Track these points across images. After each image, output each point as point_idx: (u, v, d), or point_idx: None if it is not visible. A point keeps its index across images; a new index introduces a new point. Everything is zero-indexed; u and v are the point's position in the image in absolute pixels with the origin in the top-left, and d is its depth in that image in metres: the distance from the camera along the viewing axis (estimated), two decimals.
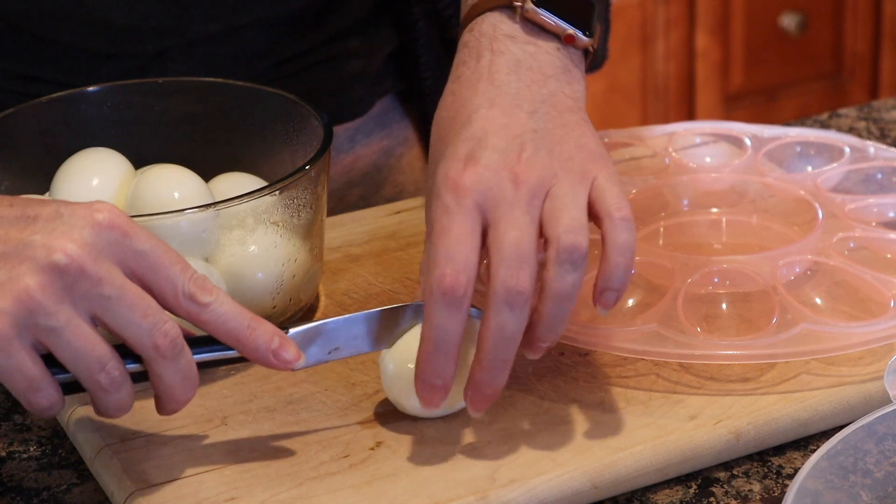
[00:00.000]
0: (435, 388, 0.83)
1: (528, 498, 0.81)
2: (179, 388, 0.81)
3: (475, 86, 0.89)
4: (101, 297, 0.78)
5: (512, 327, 0.82)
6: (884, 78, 2.79)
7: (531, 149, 0.85)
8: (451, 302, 0.81)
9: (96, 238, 0.78)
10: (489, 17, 0.92)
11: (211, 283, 0.81)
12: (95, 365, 0.78)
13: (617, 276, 0.83)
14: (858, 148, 1.10)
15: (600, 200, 0.85)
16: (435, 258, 0.82)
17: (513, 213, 0.83)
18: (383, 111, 1.21)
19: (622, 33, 2.60)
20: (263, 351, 0.81)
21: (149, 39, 1.08)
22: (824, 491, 0.75)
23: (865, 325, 0.90)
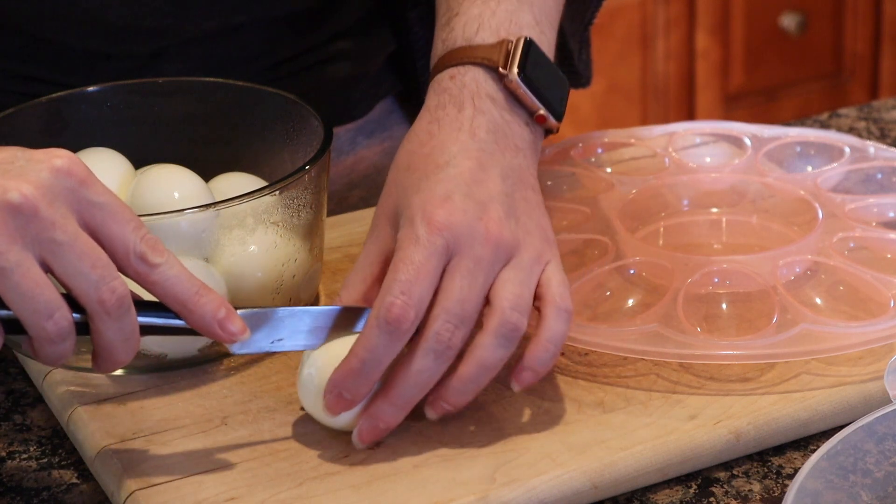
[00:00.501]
0: (343, 400, 0.83)
1: (528, 498, 0.81)
2: (119, 349, 0.80)
3: (455, 134, 0.89)
4: (52, 242, 0.76)
5: (429, 375, 0.83)
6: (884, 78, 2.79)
7: (503, 211, 0.86)
8: (393, 332, 0.81)
9: (53, 182, 0.77)
10: (472, 71, 0.92)
11: (163, 246, 0.79)
12: (43, 311, 0.77)
13: (543, 360, 0.84)
14: (858, 148, 1.10)
15: (547, 285, 0.85)
16: (391, 284, 0.82)
17: (473, 270, 0.83)
18: (384, 113, 1.21)
19: (622, 33, 2.60)
20: (209, 319, 0.80)
21: (145, 39, 1.08)
22: (824, 491, 0.75)
23: (865, 325, 0.90)
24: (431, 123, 0.90)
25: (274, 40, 1.13)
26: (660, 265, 0.97)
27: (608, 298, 0.97)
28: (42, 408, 0.93)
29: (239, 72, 1.10)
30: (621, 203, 1.04)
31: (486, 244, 0.84)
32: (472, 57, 0.92)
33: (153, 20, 1.07)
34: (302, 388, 0.86)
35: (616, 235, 1.00)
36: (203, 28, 1.09)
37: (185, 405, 0.89)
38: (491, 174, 0.87)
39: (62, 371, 0.92)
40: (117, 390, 0.90)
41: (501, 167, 0.88)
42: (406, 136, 0.91)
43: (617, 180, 1.07)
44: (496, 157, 0.89)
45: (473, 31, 0.94)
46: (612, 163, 1.12)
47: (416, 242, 0.83)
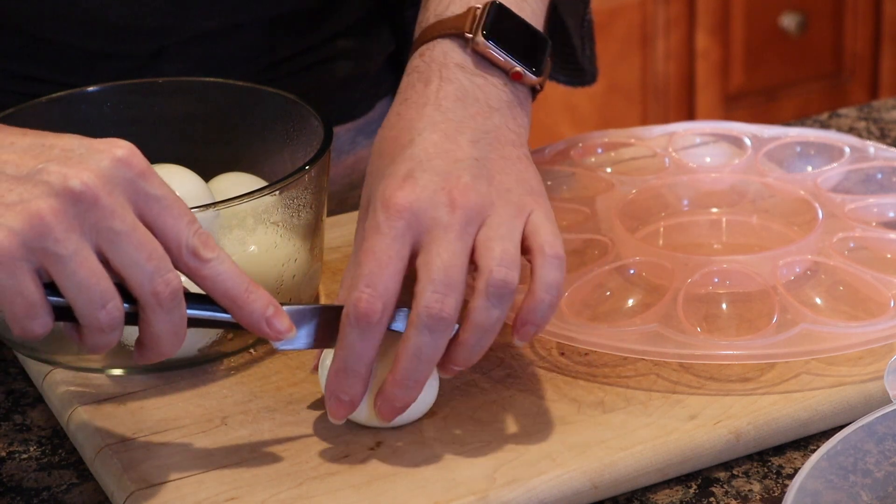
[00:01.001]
0: (342, 403, 0.83)
1: (528, 498, 0.81)
2: (166, 341, 0.80)
3: (421, 110, 0.89)
4: (110, 231, 0.76)
5: (429, 351, 0.82)
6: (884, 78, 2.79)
7: (470, 175, 0.85)
8: (364, 326, 0.81)
9: (113, 171, 0.77)
10: (440, 44, 0.92)
11: (214, 242, 0.80)
12: (98, 301, 0.77)
13: (540, 311, 0.83)
14: (858, 148, 1.10)
15: (534, 235, 0.84)
16: (356, 279, 0.82)
17: (445, 237, 0.82)
18: (384, 113, 1.21)
19: (622, 33, 2.60)
20: (257, 316, 0.81)
21: (145, 39, 1.08)
22: (824, 491, 0.75)
23: (865, 325, 0.90)
24: (400, 104, 0.90)
25: (274, 40, 1.13)
26: (660, 265, 0.97)
27: (608, 298, 0.97)
28: (42, 408, 0.93)
29: (239, 71, 1.10)
30: (621, 203, 1.04)
31: (452, 212, 0.83)
32: (441, 30, 0.92)
33: (153, 20, 1.07)
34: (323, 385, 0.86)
35: (616, 235, 1.00)
36: (203, 28, 1.09)
37: (185, 405, 0.89)
38: (459, 142, 0.87)
39: (62, 371, 0.92)
40: (117, 390, 0.90)
41: (472, 132, 0.87)
42: (381, 125, 0.91)
43: (617, 180, 1.07)
44: (465, 122, 0.88)
45: (444, 7, 0.94)
46: (612, 163, 1.12)
47: (377, 231, 0.83)
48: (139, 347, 0.81)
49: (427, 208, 0.83)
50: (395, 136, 0.88)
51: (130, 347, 0.90)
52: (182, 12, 1.07)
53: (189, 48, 1.10)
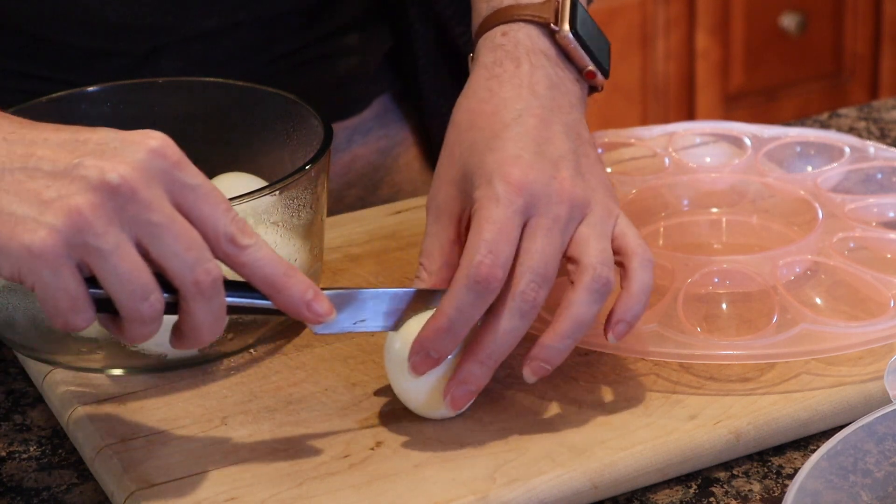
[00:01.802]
0: (429, 359, 0.84)
1: (528, 498, 0.81)
2: (206, 329, 0.80)
3: (517, 90, 0.89)
4: (149, 224, 0.76)
5: (517, 334, 0.84)
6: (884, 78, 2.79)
7: (572, 169, 0.87)
8: (481, 291, 0.82)
9: (149, 163, 0.77)
10: (524, 28, 0.93)
11: (251, 229, 0.79)
12: (139, 293, 0.77)
13: (635, 310, 0.86)
14: (858, 148, 1.10)
15: (624, 238, 0.87)
16: (477, 243, 0.83)
17: (552, 229, 0.84)
18: (381, 111, 1.22)
19: (622, 33, 2.60)
20: (297, 300, 0.81)
21: (143, 37, 1.08)
22: (824, 491, 0.75)
23: (865, 325, 0.90)
24: (490, 80, 0.91)
25: (272, 37, 1.13)
26: (660, 265, 0.97)
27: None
28: (42, 408, 0.93)
29: (237, 68, 1.10)
30: (621, 203, 1.04)
31: (561, 203, 0.85)
32: (523, 14, 0.93)
33: (153, 18, 1.07)
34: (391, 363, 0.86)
35: None
36: (202, 26, 1.09)
37: (185, 405, 0.89)
38: (555, 131, 0.88)
39: (62, 371, 0.92)
40: (117, 390, 0.90)
41: (563, 124, 0.89)
42: (462, 94, 0.91)
43: (617, 180, 1.07)
44: (556, 113, 0.89)
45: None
46: (612, 163, 1.12)
47: (497, 201, 0.84)
48: (178, 336, 0.81)
49: (542, 193, 0.85)
50: (492, 112, 0.89)
51: (131, 348, 0.90)
52: (181, 11, 1.07)
53: (188, 46, 1.10)
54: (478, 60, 0.92)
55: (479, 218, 0.84)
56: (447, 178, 0.89)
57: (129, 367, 0.92)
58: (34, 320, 0.90)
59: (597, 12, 2.66)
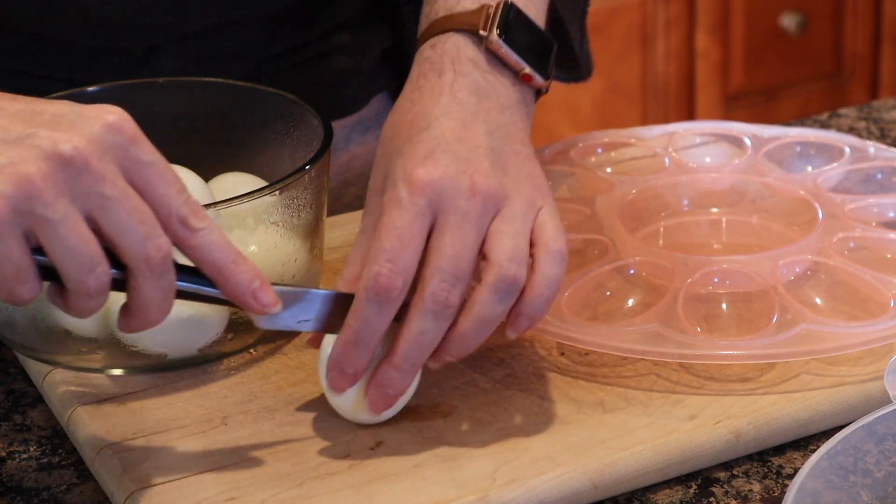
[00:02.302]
0: (345, 375, 0.84)
1: (528, 498, 0.81)
2: (154, 307, 0.79)
3: (437, 98, 0.89)
4: (101, 196, 0.76)
5: (431, 336, 0.83)
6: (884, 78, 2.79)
7: (488, 162, 0.85)
8: (382, 301, 0.82)
9: (104, 137, 0.76)
10: (452, 37, 0.92)
11: (204, 211, 0.79)
12: (86, 265, 0.76)
13: (537, 305, 0.84)
14: (858, 148, 1.10)
15: (540, 230, 0.85)
16: (376, 252, 0.82)
17: (462, 225, 0.83)
18: (378, 110, 1.22)
19: (622, 33, 2.60)
20: (243, 288, 0.80)
21: (142, 35, 1.08)
22: (824, 491, 0.75)
23: (865, 325, 0.90)
24: (413, 92, 0.90)
25: (270, 35, 1.13)
26: (660, 265, 0.97)
27: (608, 298, 0.97)
28: (42, 408, 0.93)
29: (235, 66, 1.10)
30: (621, 203, 1.04)
31: (472, 197, 0.83)
32: (453, 24, 0.93)
33: (151, 17, 1.07)
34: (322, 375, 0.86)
35: (616, 235, 1.00)
36: (200, 24, 1.09)
37: (185, 405, 0.89)
38: (475, 131, 0.87)
39: (62, 371, 0.92)
40: (117, 390, 0.90)
41: (486, 124, 0.88)
42: (391, 110, 0.91)
43: (617, 180, 1.07)
44: (480, 115, 0.88)
45: (455, 1, 0.94)
46: (612, 163, 1.12)
47: (399, 205, 0.83)
48: (126, 315, 0.80)
49: (448, 189, 0.83)
50: (411, 121, 0.88)
51: (131, 348, 0.90)
52: (178, 10, 1.07)
53: (186, 44, 1.10)
54: (409, 76, 0.93)
55: (380, 224, 0.83)
56: (373, 190, 0.88)
57: (129, 367, 0.92)
58: (34, 320, 0.90)
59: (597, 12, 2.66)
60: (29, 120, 0.76)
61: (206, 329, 0.91)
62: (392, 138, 0.89)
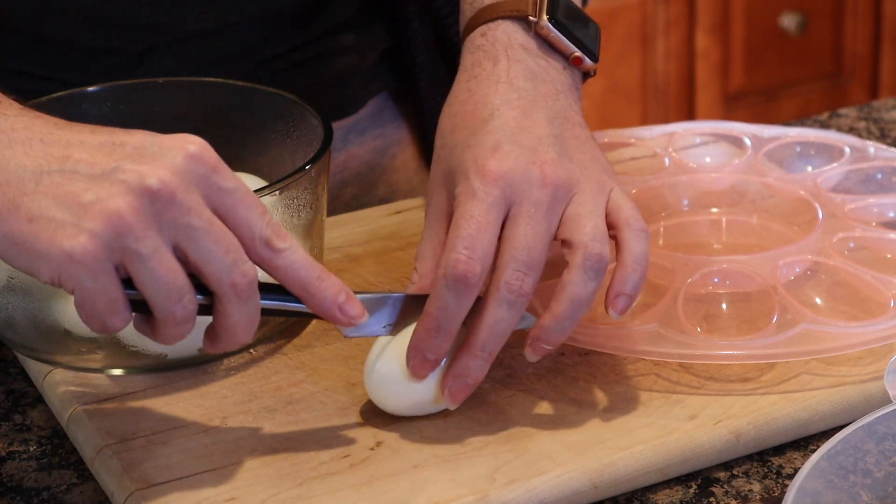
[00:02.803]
0: (427, 361, 0.84)
1: (528, 498, 0.81)
2: (241, 330, 0.80)
3: (494, 86, 0.90)
4: (188, 227, 0.77)
5: (507, 324, 0.84)
6: (884, 78, 2.79)
7: (555, 151, 0.87)
8: (461, 288, 0.83)
9: (187, 167, 0.77)
10: (502, 24, 0.94)
11: (285, 232, 0.80)
12: (175, 296, 0.77)
13: (632, 282, 0.85)
14: (858, 148, 1.10)
15: (617, 211, 0.87)
16: (454, 241, 0.83)
17: (534, 215, 0.84)
18: (377, 110, 1.22)
19: (622, 33, 2.60)
20: (330, 303, 0.81)
21: (139, 35, 1.08)
22: (824, 491, 0.75)
23: (865, 325, 0.90)
24: (469, 81, 0.92)
25: (268, 36, 1.13)
26: (660, 265, 0.97)
27: None
28: (42, 408, 0.93)
29: (232, 67, 1.10)
30: None
31: (543, 187, 0.85)
32: (501, 11, 0.94)
33: (148, 17, 1.07)
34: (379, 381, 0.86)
35: None
36: (198, 25, 1.09)
37: (185, 405, 0.89)
38: (536, 119, 0.88)
39: (62, 371, 0.92)
40: (117, 390, 0.90)
41: (546, 111, 0.89)
42: (446, 101, 0.92)
43: None
44: (538, 102, 0.90)
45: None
46: (612, 163, 1.12)
47: (474, 196, 0.84)
48: (212, 338, 0.81)
49: (520, 180, 0.85)
50: (472, 111, 0.89)
51: (131, 348, 0.90)
52: (176, 10, 1.08)
53: (183, 45, 1.10)
54: (461, 65, 0.94)
55: (457, 214, 0.85)
56: (436, 182, 0.90)
57: (129, 367, 0.92)
58: (34, 320, 0.90)
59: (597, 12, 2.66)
60: (112, 153, 0.77)
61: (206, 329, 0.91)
62: (453, 129, 0.90)
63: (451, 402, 0.85)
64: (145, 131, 0.79)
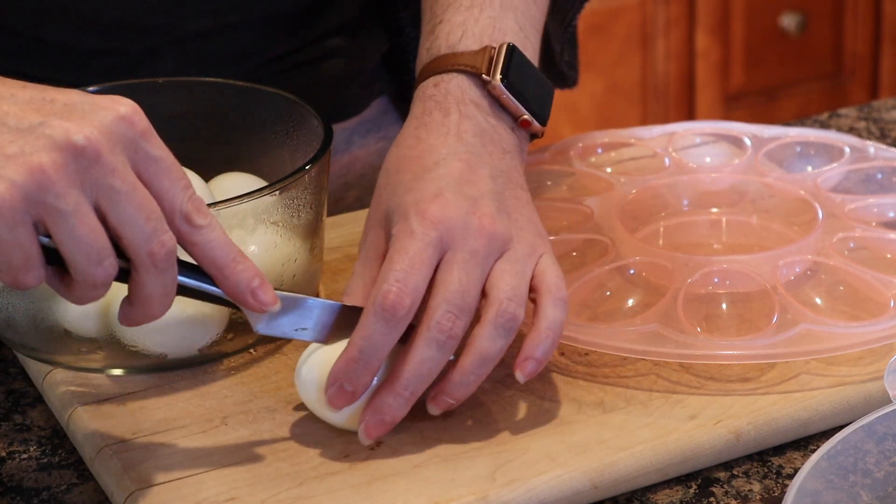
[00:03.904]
0: (345, 393, 0.84)
1: (528, 498, 0.81)
2: (156, 302, 0.79)
3: (443, 137, 0.90)
4: (110, 189, 0.76)
5: (433, 365, 0.83)
6: (884, 78, 2.79)
7: (494, 207, 0.87)
8: (389, 319, 0.82)
9: (116, 128, 0.76)
10: (456, 78, 0.93)
11: (207, 209, 0.79)
12: (95, 257, 0.76)
13: (542, 347, 0.85)
14: (858, 148, 1.10)
15: (542, 275, 0.86)
16: (386, 274, 0.83)
17: (469, 261, 0.84)
18: (379, 113, 1.22)
19: (622, 33, 2.60)
20: (243, 287, 0.81)
21: (139, 37, 1.08)
22: (824, 491, 0.75)
23: (865, 325, 0.90)
24: (419, 129, 0.91)
25: (268, 37, 1.13)
26: (660, 265, 0.97)
27: (608, 298, 0.97)
28: (42, 408, 0.93)
29: (233, 69, 1.10)
30: (621, 203, 1.04)
31: (479, 237, 0.85)
32: (456, 64, 0.94)
33: (148, 18, 1.07)
34: (302, 386, 0.86)
35: (616, 235, 1.00)
36: (198, 27, 1.09)
37: (185, 405, 0.89)
38: (480, 174, 0.88)
39: (62, 371, 0.92)
40: (117, 390, 0.90)
41: (490, 168, 0.89)
42: (394, 142, 0.92)
43: (617, 180, 1.07)
44: (484, 158, 0.90)
45: (457, 39, 0.95)
46: (612, 163, 1.12)
47: (412, 235, 0.84)
48: (127, 308, 0.80)
49: (459, 227, 0.85)
50: (417, 156, 0.89)
51: (131, 348, 0.90)
52: (176, 11, 1.08)
53: (183, 46, 1.10)
54: (411, 111, 0.93)
55: (392, 250, 0.84)
56: (373, 221, 0.89)
57: (129, 367, 0.92)
58: (34, 320, 0.90)
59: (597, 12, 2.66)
60: (41, 109, 0.76)
61: (206, 329, 0.91)
62: (397, 171, 0.90)
63: (365, 438, 0.84)
64: (78, 90, 0.78)
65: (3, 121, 0.76)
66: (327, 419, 0.86)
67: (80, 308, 0.89)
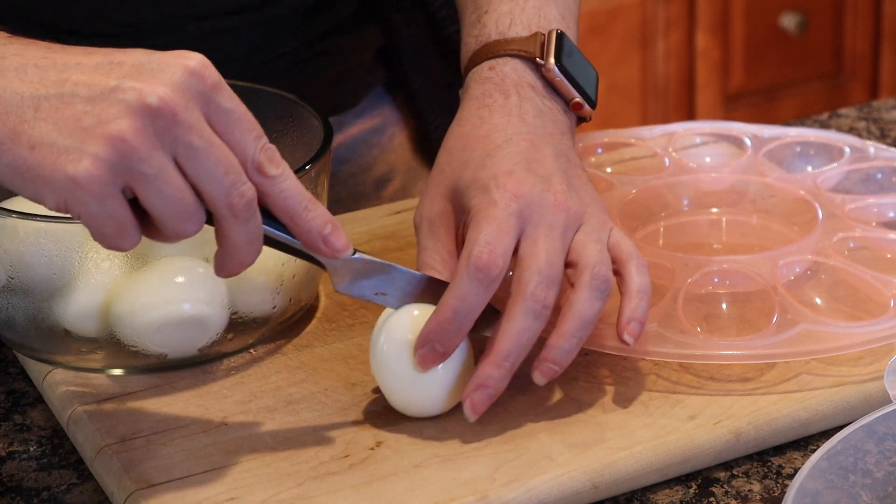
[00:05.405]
0: (435, 353, 0.84)
1: (528, 498, 0.81)
2: (244, 251, 0.80)
3: (507, 118, 0.92)
4: (188, 146, 0.76)
5: (531, 335, 0.85)
6: (884, 78, 2.79)
7: (564, 185, 0.89)
8: (482, 279, 0.83)
9: (187, 84, 0.76)
10: (511, 62, 0.95)
11: (279, 157, 0.80)
12: (184, 213, 0.77)
13: (641, 309, 0.87)
14: (858, 148, 1.10)
15: (618, 247, 0.89)
16: (475, 239, 0.84)
17: (551, 234, 0.86)
18: (374, 98, 1.23)
19: (622, 33, 2.60)
20: (315, 233, 0.81)
21: (140, 37, 1.08)
22: (824, 491, 0.75)
23: (865, 325, 0.90)
24: (481, 109, 0.93)
25: (269, 38, 1.13)
26: (660, 265, 0.97)
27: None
28: (42, 408, 0.93)
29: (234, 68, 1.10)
30: (621, 203, 1.04)
31: (557, 212, 0.87)
32: (509, 49, 0.96)
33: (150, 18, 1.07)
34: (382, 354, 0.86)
35: None
36: (198, 29, 1.09)
37: (185, 405, 0.89)
38: (545, 153, 0.90)
39: (62, 371, 0.92)
40: (117, 390, 0.90)
41: (552, 147, 0.91)
42: (454, 122, 0.94)
43: (617, 180, 1.07)
44: (545, 139, 0.92)
45: (506, 26, 0.97)
46: (612, 163, 1.12)
47: (495, 205, 0.86)
48: (219, 261, 0.81)
49: (537, 203, 0.87)
50: (485, 135, 0.91)
51: (131, 348, 0.90)
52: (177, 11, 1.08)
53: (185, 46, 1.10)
54: (468, 93, 0.95)
55: (477, 220, 0.86)
56: (439, 194, 0.91)
57: (129, 367, 0.92)
58: (34, 320, 0.90)
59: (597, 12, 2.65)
60: (109, 73, 0.76)
61: (206, 329, 0.91)
62: (463, 148, 0.91)
63: (471, 414, 0.85)
64: (143, 49, 0.78)
65: (75, 91, 0.75)
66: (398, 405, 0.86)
67: (80, 308, 0.89)
